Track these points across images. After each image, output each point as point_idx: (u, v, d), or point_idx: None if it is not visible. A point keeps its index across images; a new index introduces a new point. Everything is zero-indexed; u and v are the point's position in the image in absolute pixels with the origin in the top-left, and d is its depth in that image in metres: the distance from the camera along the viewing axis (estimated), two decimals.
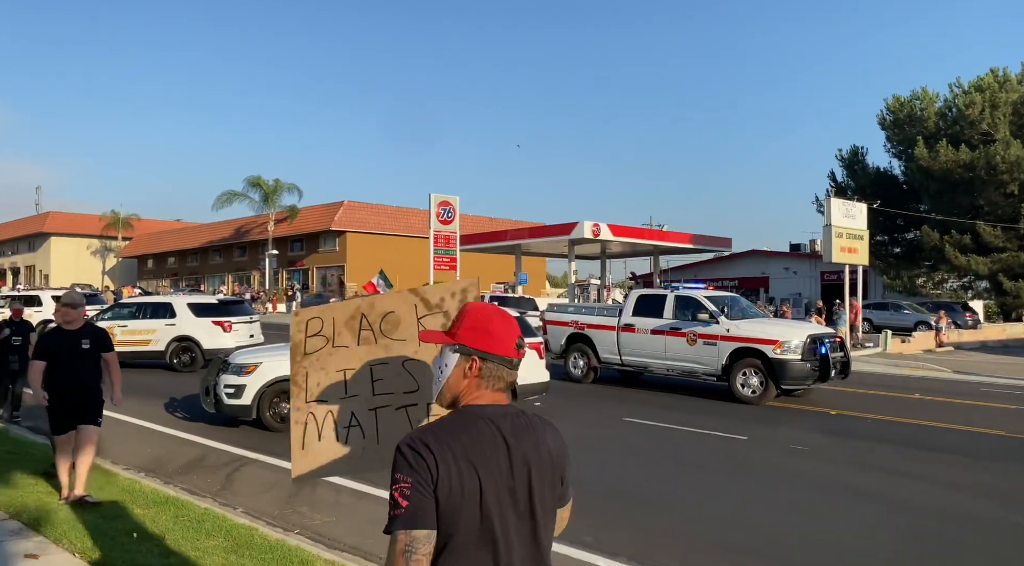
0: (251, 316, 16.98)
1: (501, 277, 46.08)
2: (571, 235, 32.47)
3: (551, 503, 1.83)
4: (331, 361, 2.64)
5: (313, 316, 2.67)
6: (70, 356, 5.88)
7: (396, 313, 2.65)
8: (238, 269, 59.23)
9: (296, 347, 2.66)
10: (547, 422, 1.94)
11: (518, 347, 1.90)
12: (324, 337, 2.65)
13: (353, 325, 2.65)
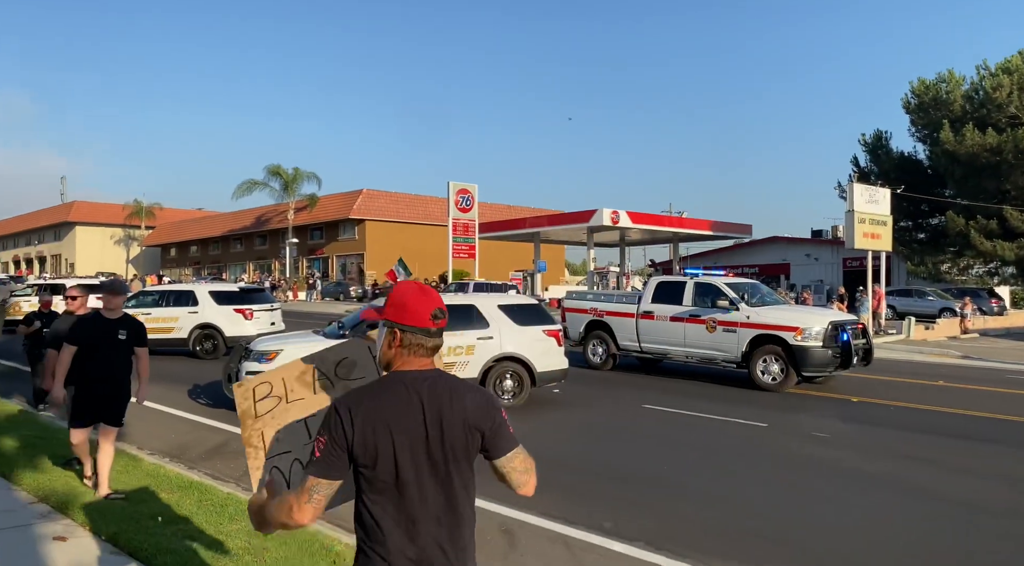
0: (272, 304, 17.12)
1: (520, 265, 46.10)
2: (590, 222, 32.34)
3: (464, 453, 2.12)
4: (288, 414, 2.70)
5: (261, 382, 2.74)
6: (106, 345, 5.61)
7: (350, 357, 2.77)
8: (259, 257, 59.74)
9: (245, 413, 2.72)
10: (472, 386, 2.21)
11: (433, 318, 2.12)
12: (276, 397, 2.71)
13: (306, 379, 2.73)
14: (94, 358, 5.59)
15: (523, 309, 11.11)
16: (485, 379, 10.34)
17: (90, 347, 5.58)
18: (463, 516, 2.16)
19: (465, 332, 10.32)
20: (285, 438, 2.70)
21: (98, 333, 5.63)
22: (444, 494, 2.10)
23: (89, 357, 5.58)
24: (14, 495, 5.55)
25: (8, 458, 6.46)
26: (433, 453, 2.06)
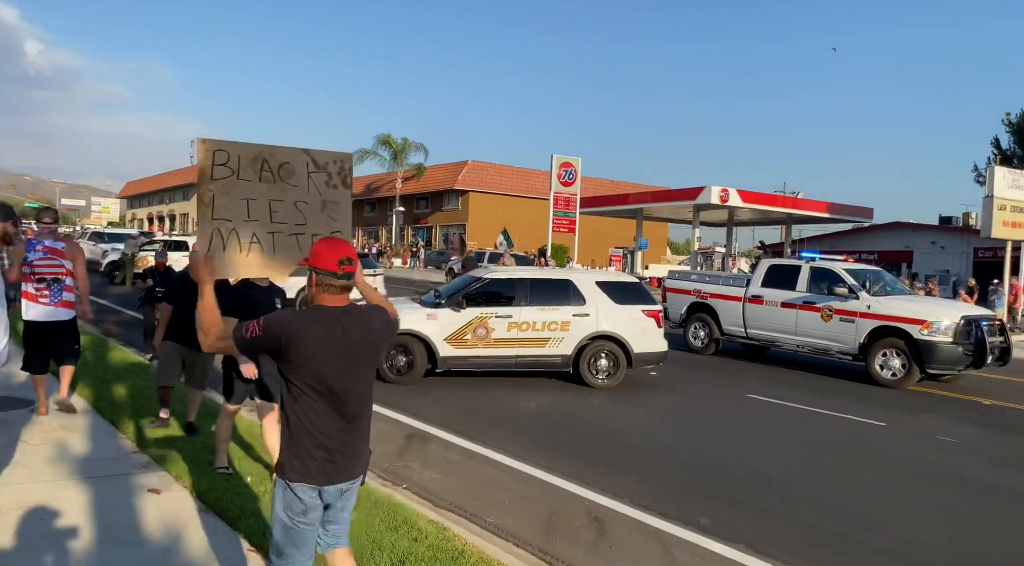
0: (375, 269, 17.42)
1: (621, 241, 45.24)
2: (697, 200, 31.10)
3: (371, 359, 2.84)
4: (235, 190, 3.21)
5: (220, 148, 3.18)
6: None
7: (291, 164, 3.36)
8: (368, 224, 61.43)
9: (203, 172, 3.15)
10: (377, 309, 2.90)
11: (339, 264, 2.68)
12: (230, 169, 3.21)
13: (256, 166, 3.27)
14: None
15: (622, 287, 10.68)
16: (579, 357, 10.03)
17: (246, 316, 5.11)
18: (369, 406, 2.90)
19: (560, 307, 10.02)
20: (229, 208, 3.20)
21: (254, 302, 5.03)
22: (362, 390, 2.81)
23: None
24: (119, 443, 5.75)
25: (118, 406, 6.73)
26: (351, 359, 2.71)
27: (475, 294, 9.99)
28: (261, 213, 3.27)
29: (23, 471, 4.86)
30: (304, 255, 3.06)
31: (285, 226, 3.33)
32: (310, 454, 2.68)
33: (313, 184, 3.41)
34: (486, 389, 9.67)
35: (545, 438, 7.57)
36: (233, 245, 3.19)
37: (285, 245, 3.33)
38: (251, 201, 3.23)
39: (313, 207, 3.40)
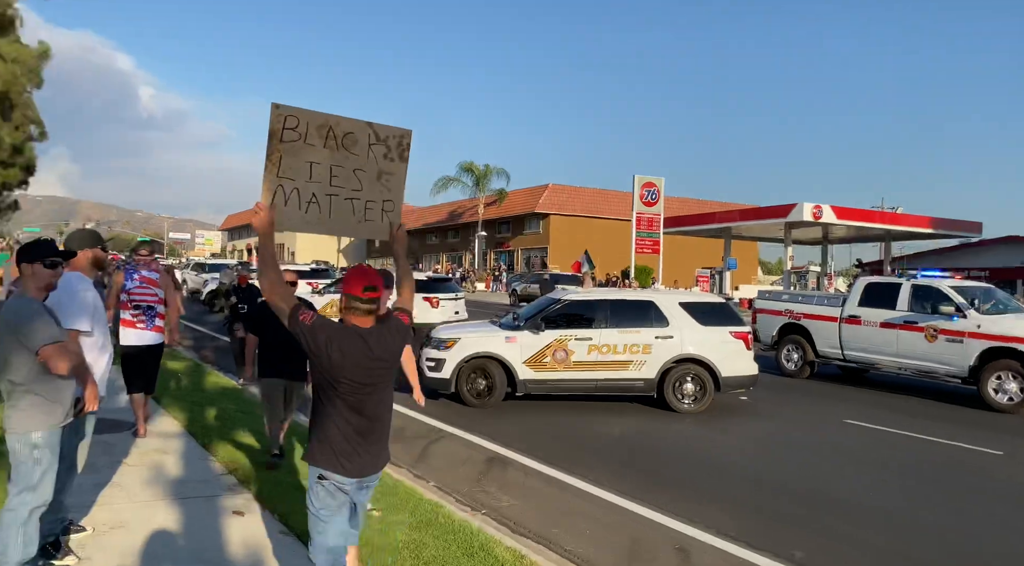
0: (457, 293, 17.57)
1: (708, 262, 44.15)
2: (788, 217, 30.03)
3: (389, 372, 3.17)
4: (301, 153, 3.40)
5: (291, 113, 3.36)
6: None
7: (354, 134, 3.54)
8: (451, 250, 62.49)
9: (274, 133, 3.33)
10: (398, 328, 3.23)
11: (363, 290, 3.05)
12: (298, 133, 3.38)
13: (322, 132, 3.44)
14: None
15: (708, 308, 10.35)
16: (663, 381, 9.74)
17: None
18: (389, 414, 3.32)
19: (642, 329, 9.78)
20: (293, 168, 3.39)
21: None
22: (382, 397, 3.19)
23: None
24: (209, 465, 5.93)
25: (210, 429, 6.98)
26: (373, 372, 3.07)
27: (554, 316, 9.89)
28: (322, 176, 3.47)
29: (120, 491, 5.07)
30: (357, 219, 3.57)
31: (343, 190, 3.54)
32: (332, 446, 3.05)
33: (372, 154, 3.60)
34: (567, 413, 9.52)
35: (628, 464, 7.35)
36: (293, 202, 3.41)
37: (340, 207, 3.54)
38: (314, 164, 3.44)
39: (370, 175, 3.59)
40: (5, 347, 3.31)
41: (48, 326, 3.34)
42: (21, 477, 3.34)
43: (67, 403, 3.49)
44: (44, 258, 3.44)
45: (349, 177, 3.53)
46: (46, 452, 3.38)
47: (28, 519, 3.33)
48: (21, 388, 3.33)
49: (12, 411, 3.35)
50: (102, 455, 5.86)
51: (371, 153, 3.58)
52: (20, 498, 3.32)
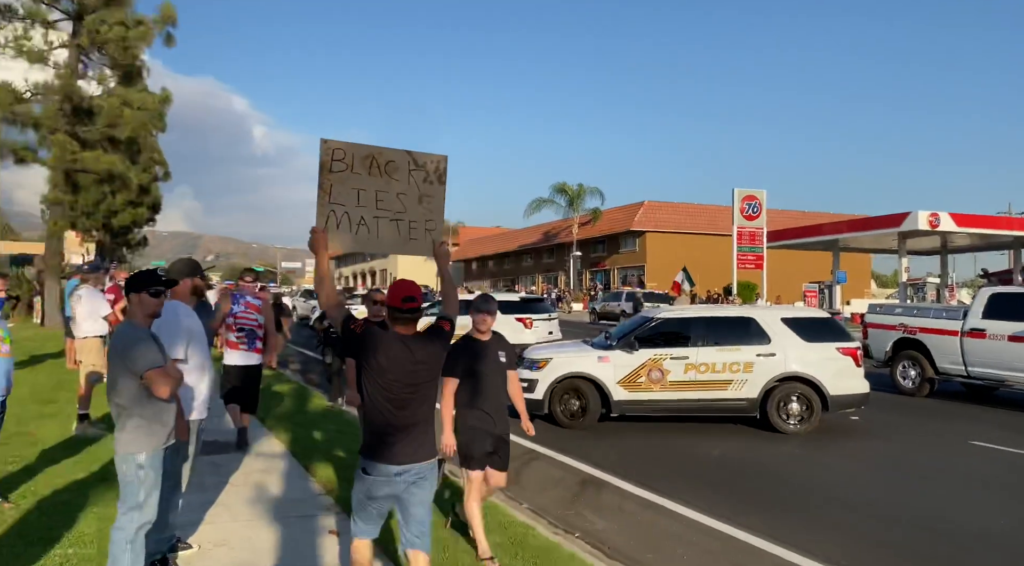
0: (550, 314, 17.56)
1: (816, 276, 42.23)
2: (901, 227, 28.32)
3: (430, 376, 3.44)
4: (348, 181, 3.78)
5: (338, 147, 3.77)
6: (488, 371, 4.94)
7: (395, 162, 3.90)
8: (547, 270, 62.64)
9: (324, 165, 3.73)
10: (439, 336, 3.54)
11: (403, 301, 3.38)
12: (345, 164, 3.78)
13: (366, 162, 3.82)
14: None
15: (812, 323, 9.85)
16: (767, 400, 9.32)
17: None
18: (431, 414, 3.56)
19: (742, 347, 9.41)
20: (343, 195, 3.77)
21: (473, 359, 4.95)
22: (422, 397, 3.46)
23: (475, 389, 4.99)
24: (309, 485, 6.12)
25: (310, 450, 7.21)
26: (416, 375, 3.40)
27: (648, 335, 9.68)
28: (368, 201, 3.85)
29: (224, 510, 5.31)
30: (403, 238, 3.95)
31: (388, 212, 3.91)
32: (378, 439, 3.38)
33: (413, 180, 3.96)
34: (664, 434, 9.25)
35: (729, 488, 7.04)
36: (344, 225, 3.80)
37: (387, 228, 3.92)
38: (361, 191, 3.83)
39: (412, 198, 3.96)
40: (114, 371, 3.54)
41: (152, 351, 3.54)
42: (128, 496, 3.54)
43: (170, 425, 3.69)
44: (149, 287, 3.67)
45: (393, 201, 3.90)
46: (150, 472, 3.58)
47: (135, 536, 3.52)
48: (127, 411, 3.54)
49: (120, 433, 3.56)
50: (210, 475, 6.16)
51: (412, 178, 3.94)
52: (128, 516, 3.52)
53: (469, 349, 4.87)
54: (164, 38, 22.09)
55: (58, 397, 9.37)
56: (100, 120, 21.10)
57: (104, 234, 33.93)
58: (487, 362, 4.87)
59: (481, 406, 4.81)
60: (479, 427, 4.82)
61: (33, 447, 6.72)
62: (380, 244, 3.91)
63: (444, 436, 4.57)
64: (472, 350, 4.86)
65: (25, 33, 20.51)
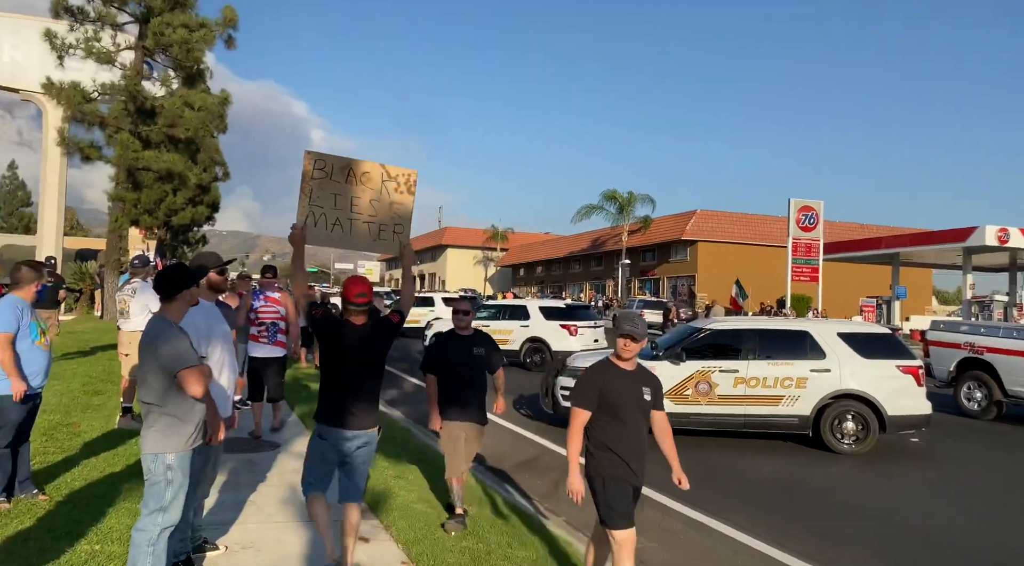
0: (596, 321, 17.29)
1: (874, 290, 40.85)
2: (967, 242, 27.17)
3: (378, 358, 4.16)
4: (327, 187, 4.35)
5: (319, 157, 4.32)
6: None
7: (370, 173, 4.46)
8: (595, 278, 62.11)
9: (306, 172, 4.28)
10: (386, 326, 4.18)
11: (355, 296, 3.98)
12: (325, 172, 4.34)
13: (344, 172, 4.39)
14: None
15: (871, 339, 9.38)
16: (820, 418, 8.91)
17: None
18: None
19: (795, 361, 9.02)
20: (322, 198, 4.32)
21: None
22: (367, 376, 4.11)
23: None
24: None
25: None
26: (363, 359, 4.05)
27: (696, 346, 9.35)
28: (344, 204, 4.40)
29: (256, 511, 5.23)
30: (372, 238, 4.47)
31: (361, 216, 4.45)
32: (334, 409, 3.99)
33: (385, 189, 4.51)
34: (710, 450, 8.91)
35: (778, 509, 6.71)
36: (321, 224, 4.33)
37: (358, 229, 4.45)
38: (338, 195, 4.39)
39: (383, 204, 4.50)
40: (145, 368, 3.46)
41: (188, 349, 3.46)
42: (153, 497, 3.45)
43: (199, 424, 3.60)
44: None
45: (366, 205, 4.46)
46: (178, 473, 3.49)
47: (158, 539, 3.43)
48: (158, 409, 3.46)
49: (149, 431, 3.48)
50: (245, 474, 6.12)
51: (384, 188, 4.49)
52: (151, 518, 3.43)
53: (609, 379, 3.95)
54: (225, 40, 22.57)
55: (106, 389, 9.55)
56: (161, 120, 21.67)
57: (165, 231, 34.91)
58: (629, 397, 3.96)
59: (619, 450, 3.94)
60: (621, 477, 3.93)
61: (75, 439, 6.79)
62: (352, 242, 4.43)
63: (570, 479, 3.89)
64: (613, 381, 3.93)
65: (95, 35, 21.20)
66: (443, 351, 5.59)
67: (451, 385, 5.45)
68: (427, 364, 5.65)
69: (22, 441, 4.97)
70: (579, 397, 3.96)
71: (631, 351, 3.92)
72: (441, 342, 5.75)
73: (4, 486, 4.83)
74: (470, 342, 5.57)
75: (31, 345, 4.86)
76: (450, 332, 5.72)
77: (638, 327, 3.91)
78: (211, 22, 22.00)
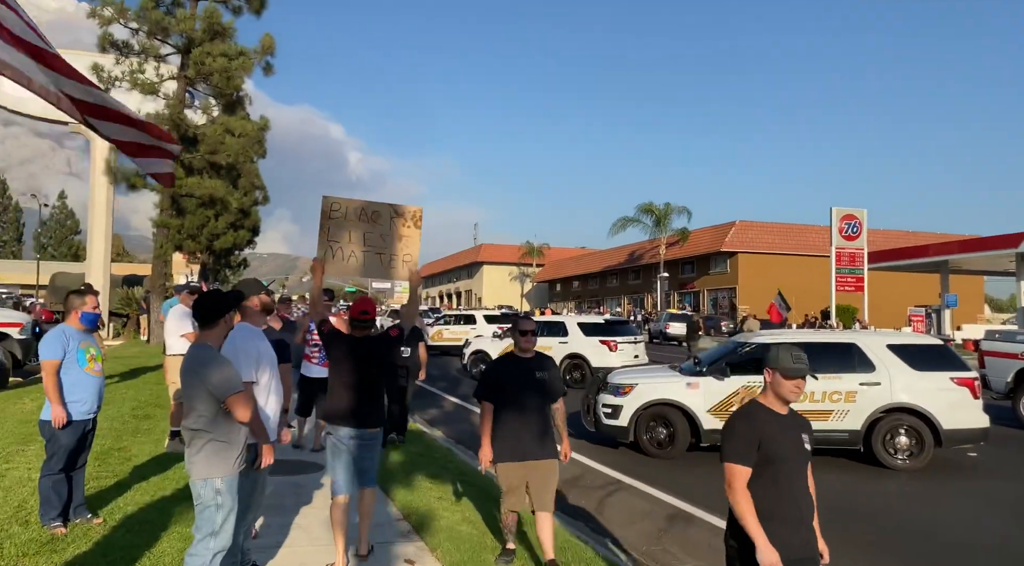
0: (635, 337, 17.11)
1: (922, 299, 39.79)
2: (1020, 248, 26.33)
3: (380, 366, 4.75)
4: (343, 225, 5.07)
5: (335, 201, 5.08)
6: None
7: (380, 212, 5.16)
8: (632, 292, 61.67)
9: (324, 213, 5.01)
10: (385, 341, 4.90)
11: (360, 314, 4.72)
12: (340, 213, 5.07)
13: (357, 212, 5.11)
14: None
15: (922, 350, 9.10)
16: (871, 432, 8.65)
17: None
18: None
19: (844, 375, 8.79)
20: (338, 234, 5.04)
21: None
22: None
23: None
24: (387, 510, 6.01)
25: (391, 472, 7.13)
26: (363, 368, 4.61)
27: (740, 361, 9.17)
28: (357, 239, 5.10)
29: (302, 534, 5.26)
30: (384, 267, 5.12)
31: (373, 248, 5.15)
32: (341, 411, 4.53)
33: (394, 225, 5.18)
34: None
35: (829, 527, 6.47)
36: (339, 256, 5.06)
37: (372, 260, 5.16)
38: (352, 231, 5.10)
39: (392, 238, 5.17)
40: (191, 394, 3.51)
41: (234, 375, 3.50)
42: (205, 522, 3.48)
43: (243, 447, 3.63)
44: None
45: (377, 239, 5.14)
46: (228, 497, 3.52)
47: (210, 563, 3.45)
48: (204, 434, 3.50)
49: (196, 456, 3.52)
50: (291, 496, 6.16)
51: (392, 224, 5.17)
52: (204, 543, 3.46)
53: (767, 423, 3.16)
54: (263, 67, 23.12)
55: (155, 413, 9.74)
56: (203, 147, 22.24)
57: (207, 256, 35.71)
58: (790, 444, 3.16)
59: (788, 513, 3.08)
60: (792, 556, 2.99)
61: (127, 463, 6.92)
62: (365, 271, 5.15)
63: (760, 553, 2.92)
64: (769, 426, 3.14)
65: (139, 67, 21.91)
66: (501, 376, 5.01)
67: (508, 415, 4.83)
68: (482, 390, 5.04)
69: (76, 466, 5.08)
70: (733, 452, 3.13)
71: (796, 393, 3.24)
72: (499, 366, 5.36)
73: (60, 511, 4.93)
74: (532, 366, 4.98)
75: (79, 371, 4.97)
76: (509, 355, 5.19)
77: (804, 365, 3.27)
78: (249, 50, 22.57)
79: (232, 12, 23.25)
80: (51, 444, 4.91)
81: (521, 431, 4.84)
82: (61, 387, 4.87)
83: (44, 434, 4.96)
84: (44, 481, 4.93)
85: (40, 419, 4.98)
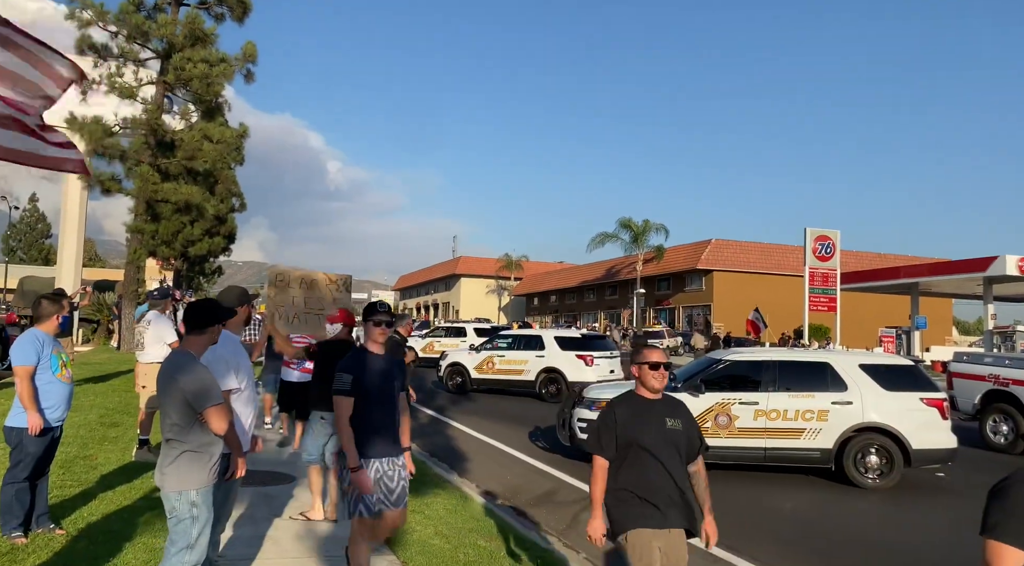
0: (612, 351, 17.15)
1: (892, 320, 40.47)
2: (987, 272, 26.87)
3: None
4: (287, 292, 6.57)
5: (279, 272, 6.58)
6: None
7: (317, 280, 6.79)
8: (609, 307, 61.94)
9: (270, 281, 6.56)
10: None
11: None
12: (284, 282, 6.59)
13: (297, 281, 6.66)
14: None
15: (893, 371, 9.23)
16: (842, 451, 8.74)
17: None
18: None
19: (816, 394, 8.89)
20: (282, 299, 6.57)
21: None
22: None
23: None
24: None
25: None
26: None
27: (715, 378, 9.24)
28: (298, 302, 6.59)
29: (273, 546, 5.17)
30: (321, 326, 6.35)
31: (312, 309, 6.62)
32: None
33: (328, 290, 6.79)
34: (730, 484, 8.75)
35: (802, 546, 6.55)
36: (284, 317, 6.51)
37: (312, 319, 6.61)
38: (294, 297, 6.60)
39: (327, 300, 6.75)
40: (168, 403, 3.44)
41: (213, 385, 3.44)
42: (180, 535, 3.40)
43: (218, 458, 3.57)
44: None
45: (314, 301, 6.67)
46: (203, 509, 3.45)
47: None
48: (178, 444, 3.43)
49: (170, 467, 3.44)
50: (263, 506, 6.07)
51: (328, 288, 6.75)
52: (179, 556, 3.38)
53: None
54: (244, 74, 22.97)
55: (123, 421, 9.55)
56: (180, 153, 22.01)
57: (182, 262, 35.27)
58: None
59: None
60: None
61: (93, 471, 6.77)
62: (306, 329, 6.70)
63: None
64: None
65: (118, 71, 21.65)
66: (626, 426, 3.53)
67: (635, 473, 3.50)
68: (597, 441, 3.60)
69: (40, 475, 4.96)
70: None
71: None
72: (621, 409, 3.63)
73: (22, 521, 4.81)
74: (661, 410, 3.59)
75: (51, 378, 4.87)
76: (631, 395, 3.71)
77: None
78: (231, 57, 22.43)
79: (214, 19, 23.12)
80: (17, 451, 4.80)
81: (656, 495, 3.47)
82: (36, 393, 4.77)
83: (10, 441, 4.84)
84: (7, 489, 4.80)
85: (5, 425, 4.86)
